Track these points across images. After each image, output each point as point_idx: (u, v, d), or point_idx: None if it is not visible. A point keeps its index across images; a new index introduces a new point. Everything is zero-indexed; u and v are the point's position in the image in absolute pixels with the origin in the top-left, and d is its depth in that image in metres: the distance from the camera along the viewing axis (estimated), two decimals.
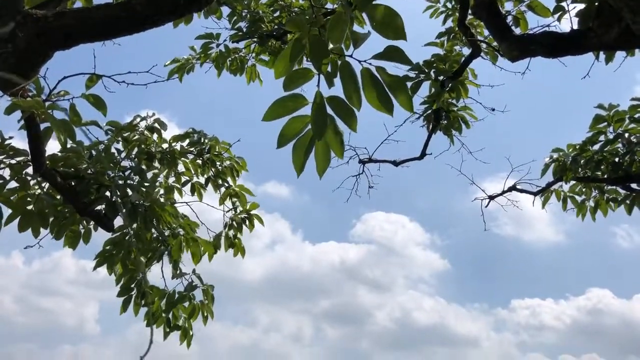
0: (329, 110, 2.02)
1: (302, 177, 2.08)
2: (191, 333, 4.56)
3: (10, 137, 3.78)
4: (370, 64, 2.00)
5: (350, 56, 2.02)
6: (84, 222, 4.33)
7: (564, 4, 4.27)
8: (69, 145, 3.86)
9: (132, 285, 4.47)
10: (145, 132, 4.66)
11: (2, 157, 3.72)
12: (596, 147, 6.11)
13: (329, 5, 5.75)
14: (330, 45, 1.99)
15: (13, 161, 3.78)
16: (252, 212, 5.30)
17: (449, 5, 6.33)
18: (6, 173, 3.76)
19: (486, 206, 7.27)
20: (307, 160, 2.08)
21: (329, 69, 2.01)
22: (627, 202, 6.44)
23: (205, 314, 4.58)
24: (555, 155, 6.51)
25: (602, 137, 6.02)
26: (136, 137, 4.55)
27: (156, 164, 4.63)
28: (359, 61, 2.02)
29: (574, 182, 6.61)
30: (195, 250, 4.66)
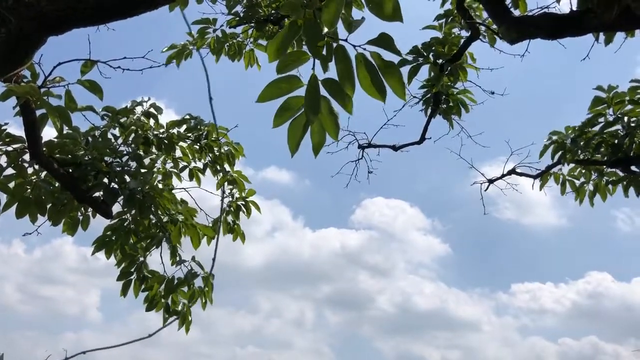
0: (323, 92, 2.00)
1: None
2: (190, 319, 4.57)
3: (6, 124, 3.77)
4: (365, 49, 1.98)
5: (345, 40, 2.00)
6: (83, 208, 4.33)
7: None
8: (65, 132, 3.85)
9: (132, 270, 4.49)
10: (142, 117, 4.64)
11: None
12: (595, 129, 6.08)
13: None
14: (325, 29, 1.97)
15: (9, 148, 3.77)
16: (249, 198, 5.30)
17: None
18: (2, 160, 3.76)
19: (485, 190, 7.26)
20: (302, 140, 2.07)
21: (324, 52, 1.99)
22: (624, 183, 6.42)
23: (204, 300, 4.59)
24: (554, 137, 6.49)
25: (601, 119, 5.99)
26: (133, 122, 4.53)
27: (153, 150, 4.62)
28: (354, 46, 2.00)
29: (573, 164, 6.59)
30: (194, 235, 4.66)
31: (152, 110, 4.72)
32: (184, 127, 4.99)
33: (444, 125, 6.59)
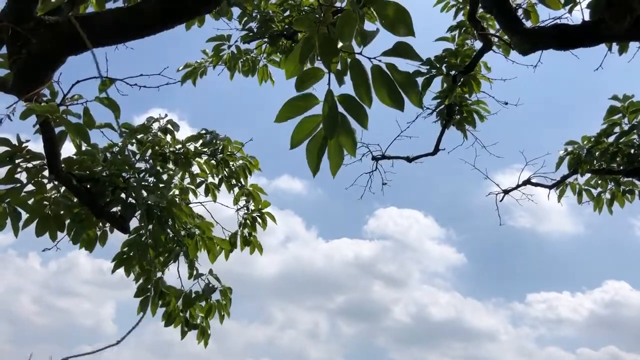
0: (340, 109, 2.02)
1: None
2: (209, 332, 4.60)
3: (27, 141, 3.82)
4: (380, 60, 2.00)
5: (360, 54, 2.03)
6: (100, 224, 4.37)
7: None
8: (83, 148, 3.91)
9: (149, 286, 4.52)
10: (159, 133, 4.69)
11: (19, 160, 3.76)
12: (611, 138, 6.06)
13: (339, 4, 5.74)
14: (340, 44, 1.99)
15: (29, 165, 3.82)
16: (264, 210, 5.33)
17: None
18: (23, 177, 3.81)
19: (501, 200, 7.27)
20: (321, 160, 2.08)
21: (338, 67, 2.01)
22: None
23: (222, 313, 4.61)
24: (569, 148, 6.47)
25: (617, 129, 5.97)
26: (150, 138, 4.59)
27: (170, 165, 4.66)
28: (369, 58, 2.02)
29: (590, 174, 6.56)
30: (211, 248, 4.69)
31: (168, 126, 4.77)
32: (200, 141, 5.04)
33: (458, 136, 6.60)
